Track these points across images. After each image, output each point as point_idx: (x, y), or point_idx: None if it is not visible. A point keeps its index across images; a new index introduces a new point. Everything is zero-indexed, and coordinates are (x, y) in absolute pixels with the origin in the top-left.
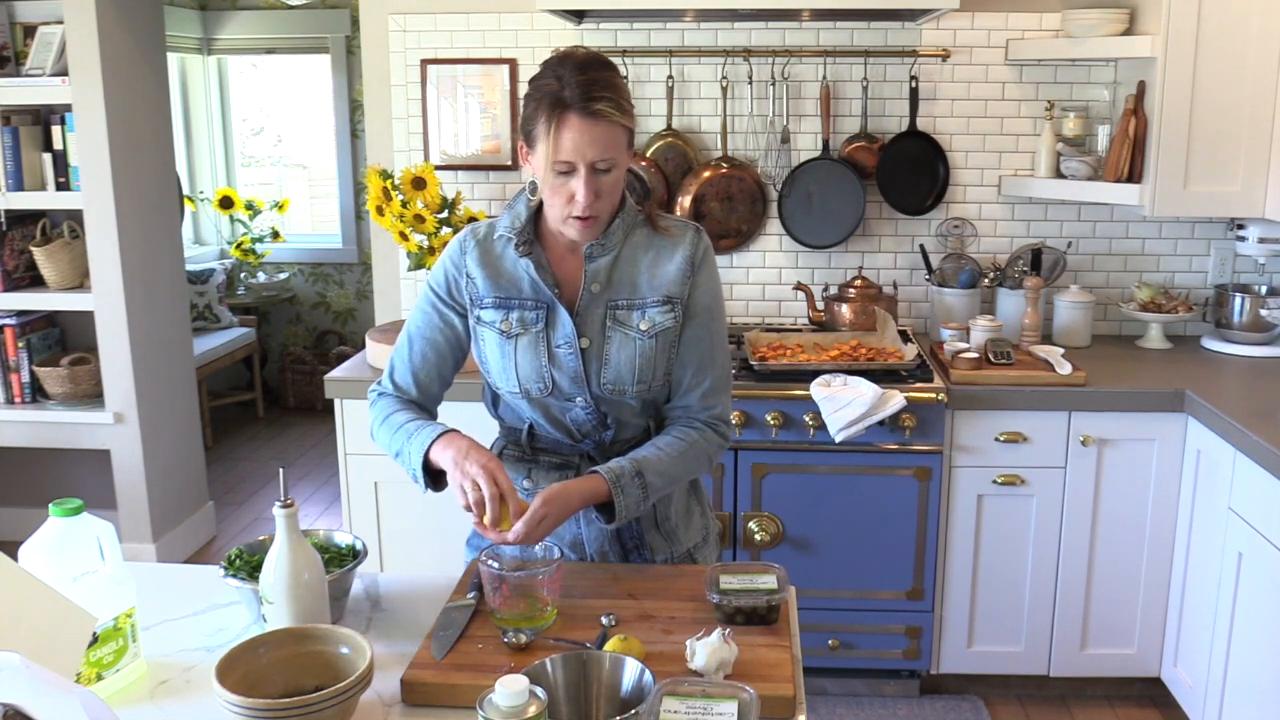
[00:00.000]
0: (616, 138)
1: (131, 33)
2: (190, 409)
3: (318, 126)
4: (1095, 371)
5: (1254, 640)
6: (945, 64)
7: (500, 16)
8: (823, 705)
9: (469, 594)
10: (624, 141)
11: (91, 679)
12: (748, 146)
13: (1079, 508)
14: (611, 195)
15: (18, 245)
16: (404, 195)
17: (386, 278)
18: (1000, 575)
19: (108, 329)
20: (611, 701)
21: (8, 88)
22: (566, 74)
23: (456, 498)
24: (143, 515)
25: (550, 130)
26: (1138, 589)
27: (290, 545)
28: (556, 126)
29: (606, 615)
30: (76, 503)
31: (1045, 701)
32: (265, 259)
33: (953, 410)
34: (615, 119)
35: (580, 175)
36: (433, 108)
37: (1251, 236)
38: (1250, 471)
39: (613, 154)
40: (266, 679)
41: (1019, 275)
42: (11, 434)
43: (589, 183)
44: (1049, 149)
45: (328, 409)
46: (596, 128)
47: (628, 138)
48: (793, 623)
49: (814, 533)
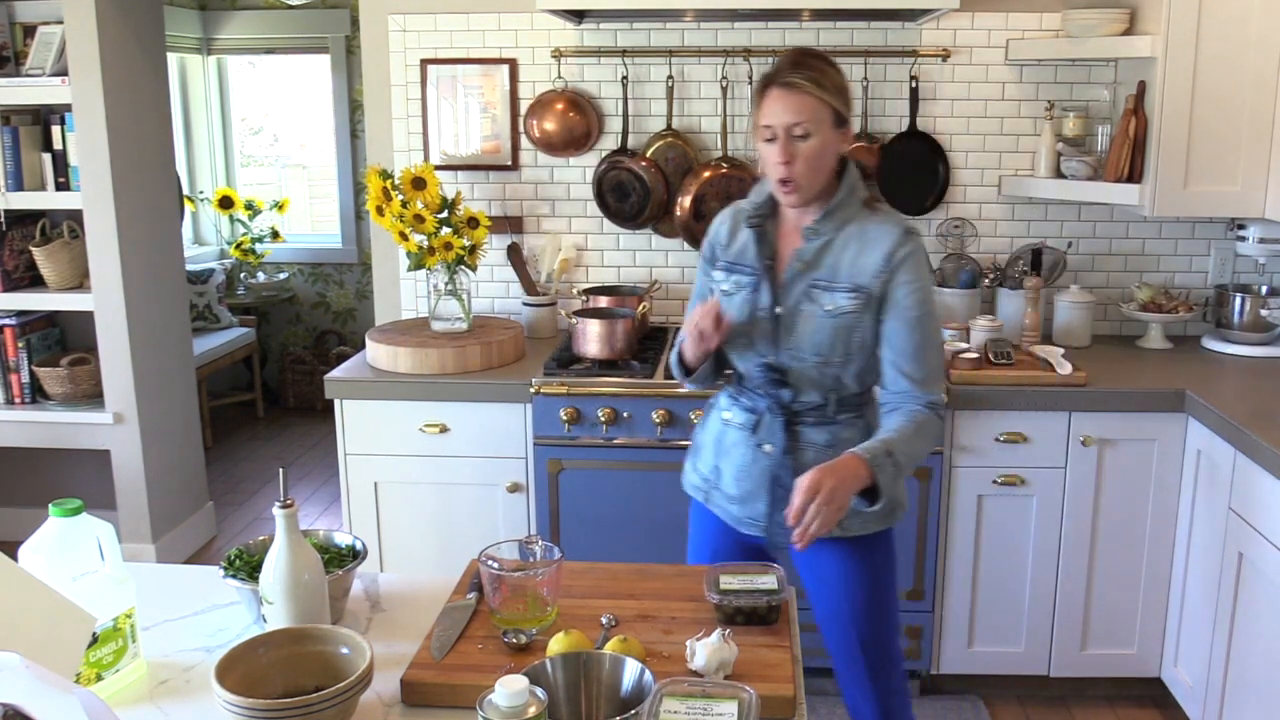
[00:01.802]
0: (814, 109)
1: (131, 33)
2: (190, 409)
3: (317, 126)
4: (1095, 372)
5: (1254, 640)
6: (945, 64)
7: (500, 16)
8: (823, 705)
9: (469, 594)
10: (825, 116)
11: (91, 679)
12: (748, 146)
13: (1079, 508)
14: (811, 163)
15: (17, 245)
16: (404, 195)
17: (386, 278)
18: (1000, 575)
19: (107, 329)
20: (611, 701)
21: (8, 88)
22: (782, 61)
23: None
24: (143, 515)
25: (757, 102)
26: (1138, 589)
27: (290, 545)
28: (761, 97)
29: (606, 615)
30: (76, 503)
31: (1045, 702)
32: (265, 259)
33: (953, 410)
34: (811, 91)
35: (779, 140)
36: (433, 108)
37: (1251, 236)
38: (1250, 471)
39: (808, 121)
40: (266, 679)
41: (1019, 275)
42: (11, 434)
43: (785, 145)
44: (1049, 149)
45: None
46: (791, 96)
47: (831, 115)
48: (793, 623)
49: None
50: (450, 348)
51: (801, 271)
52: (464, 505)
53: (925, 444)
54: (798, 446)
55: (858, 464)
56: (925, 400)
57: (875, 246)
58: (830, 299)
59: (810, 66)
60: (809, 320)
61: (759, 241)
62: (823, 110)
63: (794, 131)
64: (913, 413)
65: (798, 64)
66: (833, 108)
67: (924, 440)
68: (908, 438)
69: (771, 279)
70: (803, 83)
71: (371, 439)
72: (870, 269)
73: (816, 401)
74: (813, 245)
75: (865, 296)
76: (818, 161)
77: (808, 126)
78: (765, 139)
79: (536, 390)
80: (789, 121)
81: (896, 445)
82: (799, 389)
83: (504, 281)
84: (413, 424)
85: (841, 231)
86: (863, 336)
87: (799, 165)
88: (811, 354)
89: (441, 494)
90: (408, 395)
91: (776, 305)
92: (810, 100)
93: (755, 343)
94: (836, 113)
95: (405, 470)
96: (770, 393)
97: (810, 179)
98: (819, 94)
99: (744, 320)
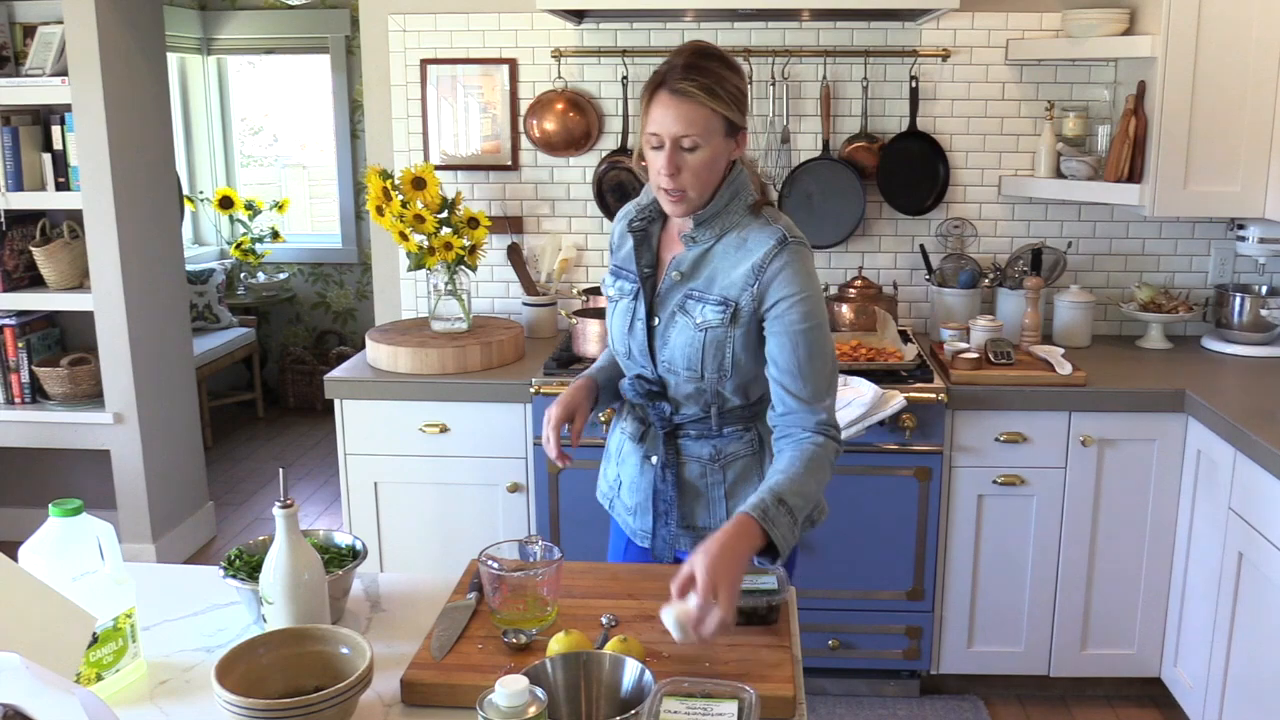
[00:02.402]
0: (703, 118)
1: (131, 33)
2: (190, 409)
3: (317, 126)
4: (1095, 371)
5: (1254, 640)
6: (945, 64)
7: (500, 16)
8: (823, 705)
9: (469, 594)
10: (714, 125)
11: (91, 679)
12: (747, 146)
13: (1079, 508)
14: (698, 174)
15: (17, 245)
16: (404, 195)
17: (386, 278)
18: (1000, 575)
19: (107, 329)
20: (611, 701)
21: (8, 88)
22: (675, 59)
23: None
24: (143, 515)
25: (644, 105)
26: (1138, 589)
27: (290, 545)
28: (648, 104)
29: (606, 615)
30: (76, 503)
31: (1045, 702)
32: (265, 259)
33: (953, 410)
34: (704, 102)
35: (665, 149)
36: (433, 108)
37: (1251, 236)
38: (1250, 471)
39: (696, 132)
40: (266, 679)
41: (1019, 275)
42: (11, 434)
43: (671, 156)
44: (1049, 149)
45: (328, 409)
46: (682, 105)
47: (721, 123)
48: (793, 623)
49: (814, 533)
50: (450, 348)
51: (678, 282)
52: (464, 505)
53: (820, 476)
54: (681, 460)
55: (749, 525)
56: (814, 422)
57: (749, 256)
58: (700, 311)
59: (705, 71)
60: (682, 333)
61: (641, 247)
62: (715, 120)
63: (682, 143)
64: (801, 443)
65: (692, 67)
66: (725, 117)
67: (817, 474)
68: (797, 477)
69: (650, 288)
70: (695, 91)
71: (371, 439)
72: (738, 281)
73: (698, 415)
74: (690, 254)
75: (732, 309)
76: (707, 173)
77: (697, 139)
78: (652, 145)
79: (536, 390)
80: (677, 133)
81: (786, 490)
82: (678, 402)
83: (504, 281)
84: (413, 424)
85: (722, 240)
86: (734, 352)
87: (685, 176)
88: (684, 368)
89: (441, 494)
90: (408, 395)
91: (653, 316)
92: (702, 111)
93: (633, 353)
94: (729, 121)
95: (405, 470)
96: (650, 405)
97: (698, 190)
98: (711, 104)
99: (624, 330)
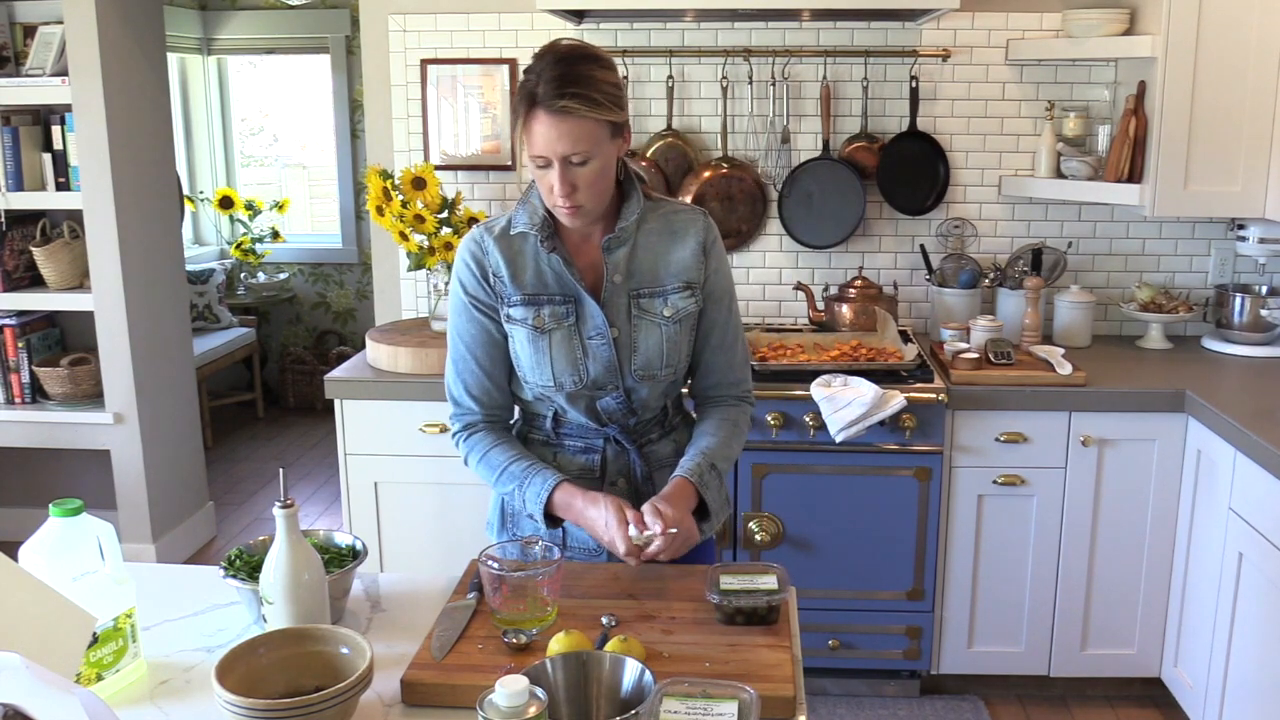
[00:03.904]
0: (589, 131)
1: (131, 33)
2: (190, 409)
3: (317, 126)
4: (1095, 372)
5: (1254, 640)
6: (945, 64)
7: (500, 16)
8: (823, 705)
9: (469, 594)
10: (601, 134)
11: (91, 679)
12: (748, 146)
13: (1079, 508)
14: (594, 186)
15: (18, 245)
16: (404, 195)
17: (386, 278)
18: (1000, 575)
19: (108, 329)
20: (611, 702)
21: (8, 88)
22: (543, 68)
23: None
24: (143, 515)
25: (521, 126)
26: (1138, 589)
27: (290, 545)
28: (526, 122)
29: (607, 615)
30: (76, 503)
31: (1045, 702)
32: (265, 259)
33: (953, 410)
34: (584, 114)
35: (555, 169)
36: (433, 108)
37: (1252, 237)
38: (1250, 471)
39: (585, 147)
40: (266, 679)
41: (1019, 275)
42: (11, 434)
43: (563, 176)
44: (1049, 149)
45: (328, 409)
46: (564, 123)
47: (607, 130)
48: (793, 623)
49: (814, 533)
50: None
51: (620, 284)
52: (464, 505)
53: (740, 439)
54: (652, 469)
55: (687, 488)
56: (739, 390)
57: (684, 238)
58: (665, 304)
59: (579, 79)
60: (649, 334)
61: (566, 263)
62: (600, 129)
63: (572, 159)
64: (727, 411)
65: (565, 80)
66: (610, 122)
67: (740, 439)
68: (726, 441)
69: (596, 300)
70: (576, 106)
71: (371, 439)
72: (691, 262)
73: (658, 412)
74: (620, 253)
75: (698, 290)
76: (601, 182)
77: (587, 153)
78: (539, 165)
79: None
80: (565, 151)
81: (717, 454)
82: (645, 408)
83: None
84: (413, 424)
85: (640, 230)
86: (693, 331)
87: (583, 192)
88: (662, 368)
89: (441, 494)
90: (408, 395)
91: (611, 326)
92: (586, 124)
93: (590, 378)
94: (614, 124)
95: (405, 470)
96: (620, 423)
97: (595, 200)
98: (595, 115)
99: (574, 357)
